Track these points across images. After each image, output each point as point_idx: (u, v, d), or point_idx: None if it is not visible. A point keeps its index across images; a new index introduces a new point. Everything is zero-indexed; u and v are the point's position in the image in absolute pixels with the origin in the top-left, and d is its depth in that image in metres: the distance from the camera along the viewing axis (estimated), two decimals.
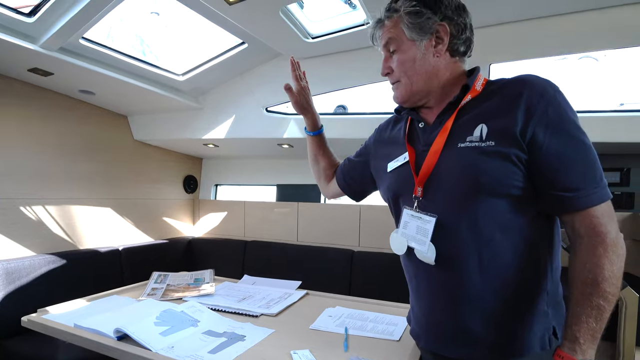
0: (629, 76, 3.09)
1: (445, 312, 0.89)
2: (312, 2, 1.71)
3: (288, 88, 1.26)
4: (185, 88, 2.44)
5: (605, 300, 0.73)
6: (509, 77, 0.86)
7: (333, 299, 1.70)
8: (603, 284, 0.74)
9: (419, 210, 0.90)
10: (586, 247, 0.77)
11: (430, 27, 0.87)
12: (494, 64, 1.95)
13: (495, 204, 0.80)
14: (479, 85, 0.88)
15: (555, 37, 1.73)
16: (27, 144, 2.18)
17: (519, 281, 0.83)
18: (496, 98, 0.84)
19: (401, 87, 0.94)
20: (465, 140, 0.83)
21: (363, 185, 1.22)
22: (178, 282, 1.83)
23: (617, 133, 1.93)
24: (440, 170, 0.87)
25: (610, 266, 0.74)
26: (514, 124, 0.78)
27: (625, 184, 2.27)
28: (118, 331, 1.16)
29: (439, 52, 0.89)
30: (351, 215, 2.75)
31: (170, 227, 3.23)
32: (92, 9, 1.57)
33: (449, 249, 0.86)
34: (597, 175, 0.76)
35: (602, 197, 0.76)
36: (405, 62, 0.91)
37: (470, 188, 0.82)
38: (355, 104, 2.64)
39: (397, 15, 0.90)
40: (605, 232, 0.75)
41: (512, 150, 0.78)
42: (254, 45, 2.06)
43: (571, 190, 0.76)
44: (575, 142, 0.77)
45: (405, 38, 0.90)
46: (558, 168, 0.77)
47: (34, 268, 2.00)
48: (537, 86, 0.79)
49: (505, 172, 0.79)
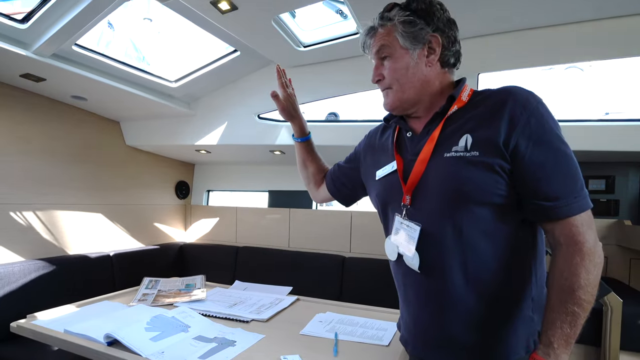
0: (614, 86, 3.17)
1: (432, 318, 0.91)
2: (303, 11, 1.74)
3: (274, 95, 1.28)
4: (177, 94, 2.45)
5: (580, 308, 0.76)
6: (494, 88, 0.89)
7: (324, 304, 1.71)
8: (578, 291, 0.76)
9: (406, 218, 0.92)
10: (564, 255, 0.79)
11: (423, 37, 0.89)
12: (482, 74, 2.00)
13: (479, 212, 0.82)
14: (465, 96, 0.91)
15: (542, 47, 1.78)
16: (18, 149, 2.17)
17: (503, 288, 0.84)
18: (481, 109, 0.86)
19: (392, 94, 0.95)
20: (451, 150, 0.85)
21: (353, 190, 1.24)
22: (169, 288, 1.83)
23: (603, 142, 1.98)
24: (427, 179, 0.89)
25: (586, 275, 0.76)
26: (497, 134, 0.80)
27: (610, 192, 2.33)
28: (108, 337, 1.16)
29: (430, 62, 0.91)
30: (342, 221, 2.77)
31: (161, 233, 3.22)
32: (86, 16, 1.58)
33: (435, 256, 0.87)
34: (578, 185, 0.79)
35: (582, 207, 0.78)
36: (398, 69, 0.92)
37: (454, 197, 0.84)
38: (347, 112, 2.67)
39: (391, 24, 0.91)
40: (583, 241, 0.77)
41: (495, 160, 0.80)
42: (247, 53, 2.08)
43: (552, 200, 0.78)
44: (557, 152, 0.79)
45: (398, 46, 0.91)
46: (539, 178, 0.79)
47: (24, 274, 1.99)
48: (520, 97, 0.81)
49: (489, 181, 0.81)
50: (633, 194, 2.29)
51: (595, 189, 2.35)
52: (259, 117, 2.48)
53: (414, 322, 0.96)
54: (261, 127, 2.47)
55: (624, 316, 1.60)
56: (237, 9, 1.57)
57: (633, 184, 2.29)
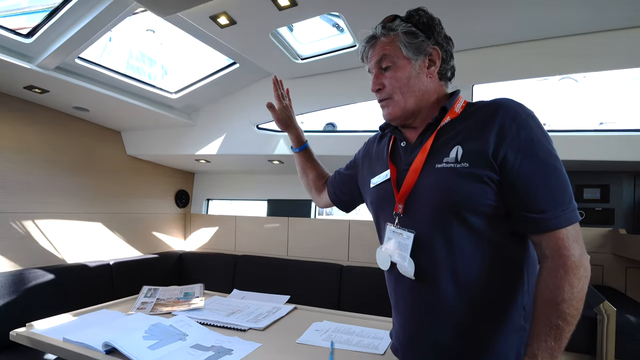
0: (608, 97, 3.21)
1: (422, 325, 0.92)
2: (301, 25, 1.79)
3: (270, 106, 1.31)
4: (178, 105, 2.49)
5: (564, 321, 0.76)
6: (486, 100, 0.91)
7: (321, 313, 1.72)
8: (562, 305, 0.76)
9: (399, 227, 0.93)
10: (549, 268, 0.80)
11: (425, 49, 0.92)
12: (477, 85, 2.04)
13: (470, 222, 0.84)
14: (458, 108, 0.92)
15: (536, 59, 1.82)
16: (20, 158, 2.20)
17: (494, 297, 0.85)
18: (472, 120, 0.88)
19: (393, 104, 0.95)
20: (442, 161, 0.87)
21: (351, 197, 1.26)
22: (168, 296, 1.84)
23: (597, 151, 2.01)
24: (419, 188, 0.90)
25: (570, 288, 0.76)
26: (486, 146, 0.82)
27: (605, 201, 2.35)
28: (107, 345, 1.18)
29: (431, 74, 0.94)
30: (341, 230, 2.79)
31: (161, 242, 3.23)
32: (89, 30, 1.63)
33: (427, 264, 0.89)
34: (566, 198, 0.79)
35: (569, 220, 0.79)
36: (400, 78, 0.92)
37: (445, 206, 0.85)
38: (344, 122, 2.71)
39: (394, 34, 0.93)
40: (568, 254, 0.78)
41: (484, 171, 0.81)
42: (245, 66, 2.13)
43: (539, 212, 0.79)
44: (545, 165, 0.80)
45: (401, 55, 0.92)
46: (527, 190, 0.80)
47: (24, 282, 2.00)
48: (510, 110, 0.83)
49: (479, 192, 0.82)
50: (627, 203, 2.31)
51: (590, 197, 2.37)
52: (257, 127, 2.52)
53: (404, 331, 0.97)
54: (260, 137, 2.51)
55: (620, 325, 1.60)
56: (235, 24, 1.61)
57: (627, 193, 2.31)
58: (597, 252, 2.25)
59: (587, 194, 2.38)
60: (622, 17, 1.58)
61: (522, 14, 1.58)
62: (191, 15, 1.57)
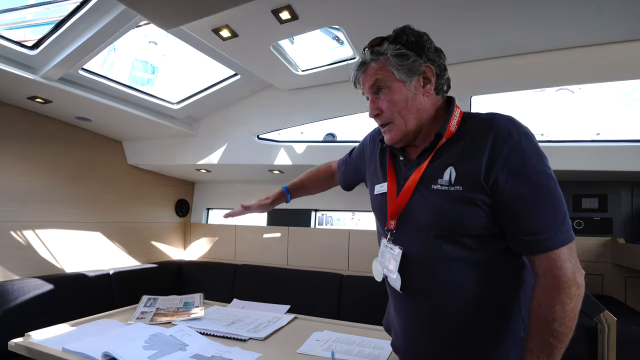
0: (604, 108, 3.25)
1: (419, 334, 0.93)
2: (301, 38, 1.82)
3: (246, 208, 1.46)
4: (179, 116, 2.51)
5: (555, 339, 0.78)
6: (481, 115, 0.90)
7: (321, 322, 1.72)
8: (553, 324, 0.78)
9: (390, 242, 0.96)
10: (541, 287, 0.81)
11: (417, 69, 0.90)
12: (475, 96, 2.06)
13: (463, 242, 0.85)
14: (453, 125, 0.91)
15: (534, 71, 1.84)
16: (22, 168, 2.21)
17: (491, 311, 0.86)
18: (466, 140, 0.87)
19: (395, 128, 0.93)
20: (437, 183, 0.87)
21: (358, 182, 1.32)
22: (167, 306, 1.83)
23: (594, 162, 2.02)
24: (411, 208, 0.91)
25: (561, 307, 0.78)
26: (478, 169, 0.81)
27: (604, 210, 2.36)
28: (106, 355, 1.17)
29: (427, 92, 0.93)
30: (340, 239, 2.79)
31: (161, 251, 3.23)
32: (93, 42, 1.66)
33: (415, 279, 0.90)
34: (559, 219, 0.79)
35: (562, 241, 0.79)
36: (397, 102, 0.91)
37: (437, 228, 0.87)
38: (344, 132, 2.74)
39: (384, 58, 0.90)
40: (560, 274, 0.78)
41: (477, 195, 0.82)
42: (246, 77, 2.16)
43: (531, 234, 0.79)
44: (537, 187, 0.79)
45: (394, 79, 0.90)
46: (519, 213, 0.80)
47: (22, 292, 1.99)
48: (503, 130, 0.82)
49: (472, 215, 0.83)
50: (626, 212, 2.32)
51: (588, 207, 2.39)
52: (258, 137, 2.54)
53: (404, 334, 0.99)
54: (260, 147, 2.53)
55: (620, 334, 1.60)
56: (237, 36, 1.64)
57: (625, 203, 2.33)
58: (597, 262, 2.26)
59: (586, 203, 2.39)
60: (619, 31, 1.61)
61: (519, 28, 1.61)
62: (194, 29, 1.60)
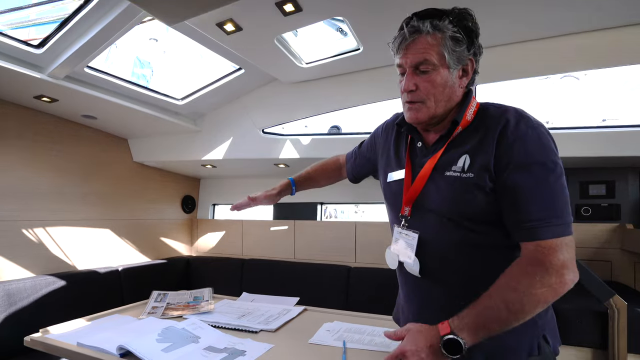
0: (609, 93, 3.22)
1: (432, 317, 0.93)
2: (305, 30, 1.81)
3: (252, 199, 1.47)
4: (184, 112, 2.52)
5: (504, 309, 0.76)
6: (496, 106, 0.91)
7: (331, 314, 1.73)
8: (511, 293, 0.76)
9: (405, 227, 0.97)
10: (519, 260, 0.81)
11: (464, 60, 0.90)
12: (479, 85, 2.05)
13: (473, 227, 0.87)
14: (470, 114, 0.92)
15: (537, 58, 1.83)
16: (30, 167, 2.23)
17: None
18: (481, 131, 0.89)
19: (424, 109, 0.91)
20: (451, 169, 0.89)
21: (367, 174, 1.32)
22: (178, 301, 1.85)
23: (601, 148, 2.02)
24: (426, 194, 0.93)
25: (528, 282, 0.76)
26: (488, 157, 0.84)
27: (611, 196, 2.35)
28: (121, 348, 1.19)
29: (462, 84, 0.93)
30: (347, 232, 2.79)
31: (168, 247, 3.25)
32: (98, 40, 1.66)
33: (433, 263, 0.92)
34: (556, 211, 0.79)
35: (554, 233, 0.78)
36: (437, 85, 0.89)
37: (449, 213, 0.88)
38: (349, 124, 2.73)
39: (440, 35, 0.87)
40: (543, 260, 0.77)
41: (487, 182, 0.84)
42: (251, 71, 2.15)
43: (523, 222, 0.80)
44: (536, 179, 0.80)
45: (443, 62, 0.88)
46: (514, 201, 0.81)
47: (35, 289, 2.02)
48: (512, 121, 0.84)
49: (482, 202, 0.85)
50: (634, 198, 2.31)
51: (595, 194, 2.37)
52: (263, 131, 2.54)
53: (417, 320, 0.97)
54: (265, 142, 2.53)
55: (631, 319, 1.61)
56: (241, 30, 1.64)
57: (633, 188, 2.31)
58: (605, 248, 2.25)
59: (593, 190, 2.38)
60: (622, 15, 1.59)
61: (521, 14, 1.59)
62: (198, 23, 1.60)
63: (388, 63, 1.82)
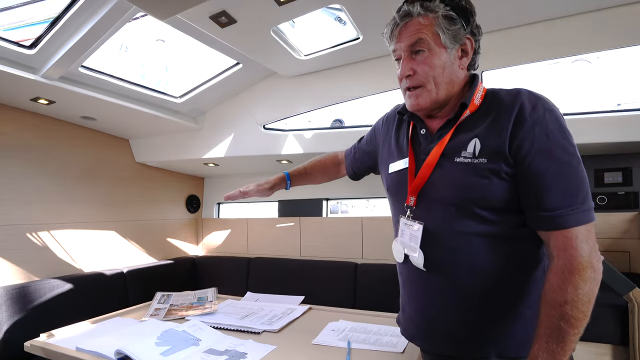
0: (624, 76, 3.10)
1: (439, 313, 0.91)
2: (302, 20, 1.76)
3: (244, 192, 1.44)
4: (183, 110, 2.48)
5: (566, 323, 0.73)
6: (506, 90, 0.87)
7: (336, 312, 1.69)
8: (565, 307, 0.74)
9: (410, 218, 0.93)
10: (554, 268, 0.77)
11: (461, 39, 0.87)
12: (486, 71, 1.97)
13: (482, 216, 0.83)
14: (477, 99, 0.89)
15: (546, 42, 1.75)
16: (32, 171, 2.22)
17: (508, 287, 0.85)
18: (491, 113, 0.85)
19: (425, 93, 0.88)
20: (460, 155, 0.85)
21: (367, 171, 1.29)
22: (181, 302, 1.83)
23: (616, 133, 1.93)
24: (433, 182, 0.89)
25: (573, 290, 0.74)
26: (503, 141, 0.80)
27: (629, 184, 2.25)
28: (119, 352, 1.17)
29: (462, 65, 0.90)
30: (353, 228, 2.74)
31: (174, 247, 3.24)
32: (91, 37, 1.62)
33: (439, 255, 0.88)
34: (579, 198, 0.77)
35: (580, 220, 0.76)
36: (435, 66, 0.86)
37: (459, 202, 0.84)
38: (352, 117, 2.67)
39: (433, 15, 0.85)
40: (574, 254, 0.75)
41: (501, 167, 0.80)
42: (249, 65, 2.11)
43: (548, 210, 0.77)
44: (558, 163, 0.77)
45: (439, 42, 0.85)
46: (538, 187, 0.78)
47: (40, 293, 2.01)
48: (528, 104, 0.80)
49: (495, 188, 0.81)
50: None
51: (611, 182, 2.27)
52: (264, 127, 2.50)
53: (422, 317, 0.96)
54: (267, 138, 2.49)
55: None
56: (236, 22, 1.59)
57: None
58: (623, 238, 2.16)
59: (608, 177, 2.28)
60: None
61: None
62: (191, 17, 1.55)
63: (390, 52, 1.76)
